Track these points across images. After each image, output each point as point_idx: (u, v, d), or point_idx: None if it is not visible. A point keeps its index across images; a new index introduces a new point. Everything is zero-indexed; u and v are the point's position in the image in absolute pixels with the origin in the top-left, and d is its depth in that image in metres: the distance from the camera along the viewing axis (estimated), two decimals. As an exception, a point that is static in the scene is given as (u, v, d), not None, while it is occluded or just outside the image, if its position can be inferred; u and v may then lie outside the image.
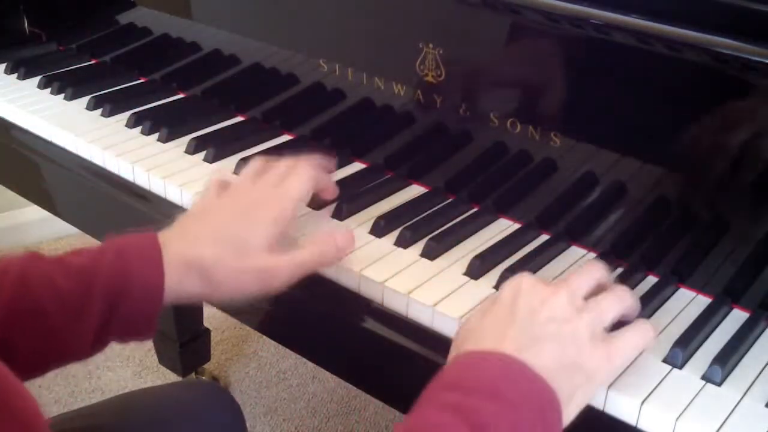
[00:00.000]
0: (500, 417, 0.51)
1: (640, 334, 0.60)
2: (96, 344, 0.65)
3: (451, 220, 0.80)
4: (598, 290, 0.62)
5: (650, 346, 0.62)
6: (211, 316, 1.60)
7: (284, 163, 0.74)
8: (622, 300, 0.61)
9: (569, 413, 0.55)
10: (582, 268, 0.63)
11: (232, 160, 0.91)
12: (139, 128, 0.98)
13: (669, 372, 0.62)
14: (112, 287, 0.63)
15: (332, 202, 0.81)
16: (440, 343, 0.65)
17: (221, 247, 0.67)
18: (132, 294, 0.64)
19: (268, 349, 1.73)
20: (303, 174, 0.73)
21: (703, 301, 0.71)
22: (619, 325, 0.61)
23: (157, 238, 0.67)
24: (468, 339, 0.58)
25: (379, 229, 0.78)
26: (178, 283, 0.66)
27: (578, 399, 0.56)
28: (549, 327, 0.56)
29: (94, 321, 0.63)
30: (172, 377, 1.58)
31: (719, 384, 0.61)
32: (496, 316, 0.58)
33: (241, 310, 0.89)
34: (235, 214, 0.69)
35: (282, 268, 0.68)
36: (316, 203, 0.81)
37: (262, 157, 0.76)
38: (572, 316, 0.57)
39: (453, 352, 0.58)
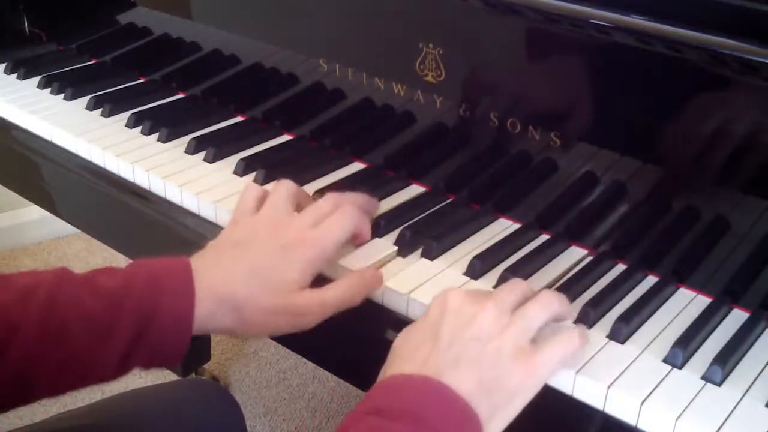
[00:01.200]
0: None
1: (564, 343, 0.59)
2: (119, 369, 0.64)
3: (451, 220, 0.80)
4: (525, 300, 0.61)
5: (578, 351, 0.60)
6: (211, 316, 1.60)
7: (328, 202, 0.71)
8: (547, 307, 0.60)
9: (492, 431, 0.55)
10: (508, 283, 0.63)
11: (232, 160, 0.91)
12: (139, 128, 0.98)
13: (669, 372, 0.62)
14: (141, 314, 0.62)
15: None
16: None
17: (255, 285, 0.65)
18: (161, 323, 0.62)
19: (268, 349, 1.73)
20: (347, 218, 0.70)
21: (703, 301, 0.71)
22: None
23: (190, 265, 0.65)
24: (394, 360, 0.58)
25: (379, 229, 0.78)
26: (207, 316, 0.64)
27: (500, 418, 0.56)
28: (472, 348, 0.56)
29: (120, 346, 0.62)
30: (172, 377, 1.58)
31: (719, 384, 0.61)
32: (421, 337, 0.58)
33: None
34: (273, 251, 0.66)
35: (314, 309, 0.66)
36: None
37: (293, 184, 0.73)
38: (496, 334, 0.57)
39: (382, 372, 0.58)
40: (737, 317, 0.69)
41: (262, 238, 0.68)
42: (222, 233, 0.71)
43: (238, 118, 1.02)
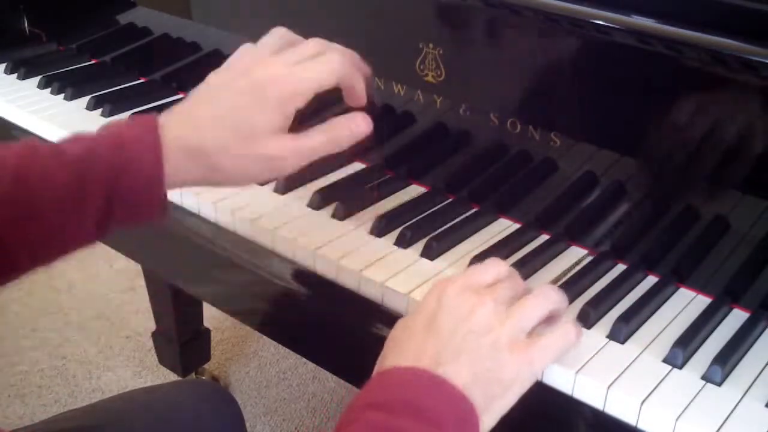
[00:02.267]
0: None
1: (560, 337, 0.59)
2: (100, 230, 0.63)
3: (451, 220, 0.80)
4: (522, 292, 0.61)
5: (573, 345, 0.60)
6: (211, 316, 1.61)
7: (314, 44, 0.64)
8: (545, 301, 0.60)
9: (487, 423, 0.55)
10: (506, 277, 0.61)
11: (232, 160, 0.90)
12: (139, 128, 0.97)
13: (669, 372, 0.62)
14: (108, 176, 0.60)
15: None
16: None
17: (224, 133, 0.61)
18: (131, 181, 0.61)
19: (268, 349, 1.73)
20: (332, 63, 0.63)
21: (703, 301, 0.71)
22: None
23: (157, 122, 0.62)
24: (390, 353, 0.58)
25: (379, 229, 0.78)
26: (178, 170, 0.62)
27: (496, 409, 0.56)
28: (468, 341, 0.56)
29: (92, 210, 0.61)
30: (172, 377, 1.58)
31: (719, 384, 0.61)
32: (417, 329, 0.57)
33: (241, 310, 0.89)
34: (242, 94, 0.61)
35: (290, 155, 0.62)
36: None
37: (286, 30, 0.67)
38: (493, 328, 0.56)
39: (378, 364, 0.58)
40: (737, 317, 0.68)
41: (230, 81, 0.63)
42: (198, 89, 0.66)
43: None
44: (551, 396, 0.62)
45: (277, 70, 0.62)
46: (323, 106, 0.66)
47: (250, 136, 0.61)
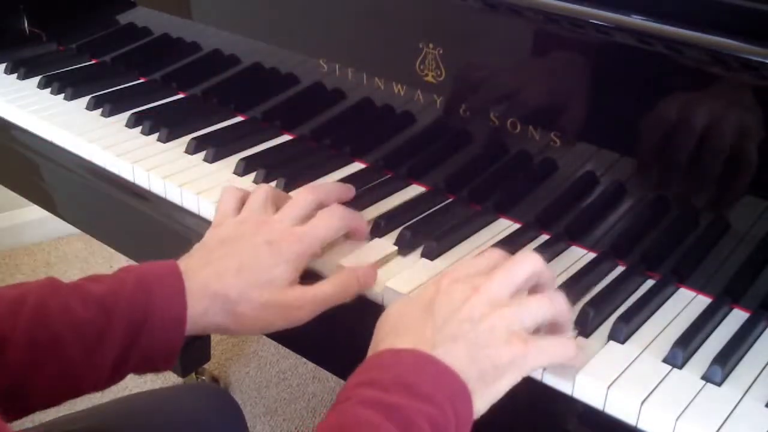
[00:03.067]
0: (420, 412, 0.52)
1: (560, 345, 0.59)
2: (113, 376, 0.63)
3: (451, 220, 0.80)
4: (537, 287, 0.61)
5: (568, 361, 0.60)
6: (211, 316, 1.60)
7: (307, 198, 0.72)
8: (551, 304, 0.60)
9: (478, 407, 0.56)
10: (515, 257, 0.62)
11: (232, 160, 0.91)
12: (139, 128, 0.98)
13: (669, 372, 0.62)
14: (132, 318, 0.61)
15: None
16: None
17: (245, 281, 0.65)
18: (153, 326, 0.62)
19: (268, 349, 1.73)
20: (334, 218, 0.71)
21: (703, 301, 0.71)
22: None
23: (179, 267, 0.65)
24: (386, 335, 0.59)
25: (379, 229, 0.78)
26: (200, 315, 0.64)
27: (488, 394, 0.57)
28: (464, 327, 0.57)
29: (113, 352, 0.61)
30: (172, 377, 1.58)
31: (719, 384, 0.61)
32: (414, 314, 0.59)
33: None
34: (259, 247, 0.67)
35: (306, 304, 0.67)
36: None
37: (270, 187, 0.75)
38: (489, 314, 0.57)
39: (372, 346, 0.59)
40: (737, 317, 0.68)
41: (248, 235, 0.68)
42: (207, 235, 0.71)
43: (238, 118, 1.02)
44: (551, 396, 0.62)
45: (287, 230, 0.69)
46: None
47: (269, 286, 0.66)
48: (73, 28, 1.20)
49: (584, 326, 0.66)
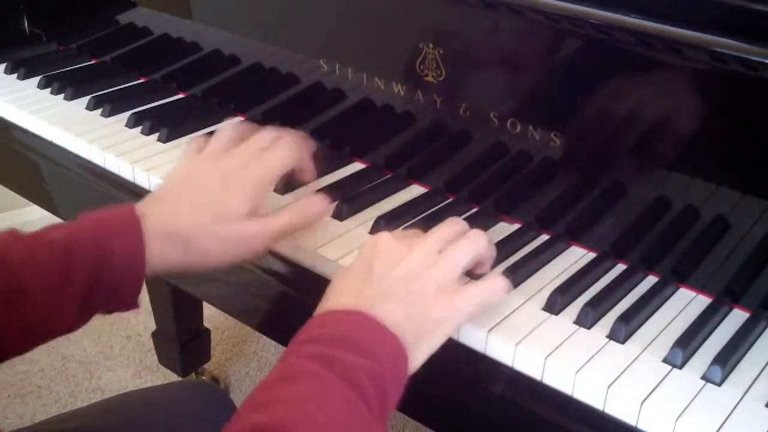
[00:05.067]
0: (360, 366, 0.55)
1: (488, 288, 0.64)
2: (80, 317, 0.65)
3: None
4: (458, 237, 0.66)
5: (500, 297, 0.65)
6: (211, 316, 1.61)
7: (267, 135, 0.73)
8: (473, 245, 0.65)
9: (416, 359, 0.60)
10: (442, 223, 0.67)
11: (232, 160, 0.90)
12: (139, 128, 0.98)
13: (669, 372, 0.62)
14: (92, 260, 0.63)
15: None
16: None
17: (201, 215, 0.67)
18: (113, 266, 0.64)
19: (268, 349, 1.73)
20: (288, 147, 0.73)
21: (703, 301, 0.71)
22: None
23: (135, 209, 0.67)
24: (330, 296, 0.62)
25: (379, 229, 0.78)
26: (159, 254, 0.66)
27: (425, 346, 0.61)
28: (399, 285, 0.61)
29: (76, 295, 0.63)
30: (172, 377, 1.58)
31: (719, 384, 0.61)
32: (354, 275, 0.62)
33: (241, 310, 0.89)
34: (215, 180, 0.69)
35: (262, 234, 0.69)
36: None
37: (241, 125, 0.76)
38: (422, 273, 0.62)
39: (319, 306, 0.62)
40: (737, 317, 0.69)
41: (202, 171, 0.70)
42: (167, 176, 0.73)
43: (238, 118, 1.02)
44: (551, 395, 0.63)
45: (244, 161, 0.70)
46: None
47: (224, 220, 0.68)
48: (73, 28, 1.20)
49: (584, 326, 0.66)
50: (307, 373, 0.54)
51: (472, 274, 0.70)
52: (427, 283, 0.61)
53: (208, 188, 0.68)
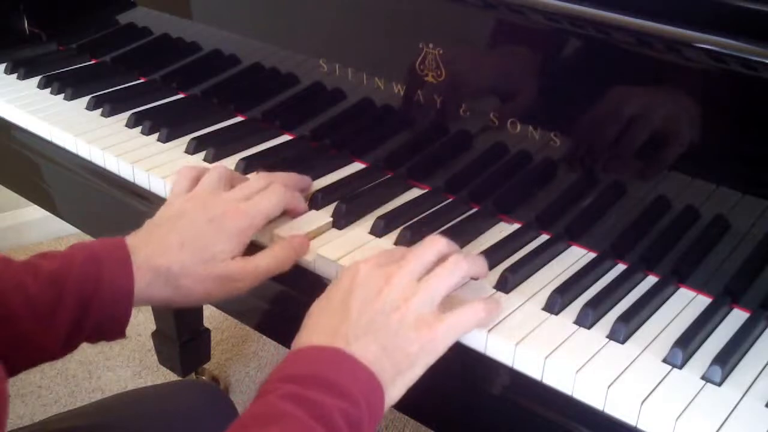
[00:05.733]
0: (336, 408, 0.55)
1: (467, 314, 0.63)
2: (66, 346, 0.66)
3: (451, 220, 0.80)
4: (440, 262, 0.65)
5: (482, 324, 0.64)
6: (211, 316, 1.60)
7: (255, 183, 0.76)
8: (454, 272, 0.64)
9: (393, 394, 0.60)
10: (422, 243, 0.66)
11: (232, 161, 0.91)
12: (139, 128, 0.98)
13: (669, 372, 0.62)
14: (83, 291, 0.64)
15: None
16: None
17: (187, 255, 0.69)
18: (103, 297, 0.65)
19: (268, 349, 1.73)
20: (275, 195, 0.75)
21: (703, 301, 0.71)
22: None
23: (126, 243, 0.68)
24: (306, 331, 0.62)
25: (379, 229, 0.78)
26: (146, 288, 0.67)
27: (402, 381, 0.60)
28: (377, 320, 0.60)
29: (65, 325, 0.64)
30: (172, 377, 1.58)
31: (719, 384, 0.61)
32: (331, 309, 0.62)
33: (241, 310, 0.89)
34: (203, 223, 0.71)
35: (245, 276, 0.70)
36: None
37: (230, 170, 0.79)
38: (401, 304, 0.61)
39: (295, 341, 0.62)
40: (737, 317, 0.69)
41: (193, 212, 0.72)
42: (157, 212, 0.74)
43: (238, 118, 1.02)
44: (550, 395, 0.63)
45: (232, 206, 0.72)
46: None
47: (210, 261, 0.69)
48: (73, 28, 1.20)
49: (584, 326, 0.66)
50: (284, 415, 0.54)
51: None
52: (405, 315, 0.60)
53: (195, 229, 0.70)
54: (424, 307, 0.61)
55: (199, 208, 0.72)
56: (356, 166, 0.91)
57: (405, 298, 0.61)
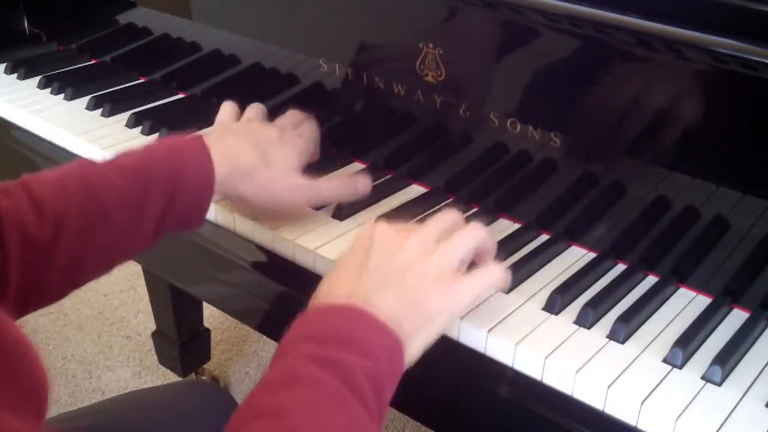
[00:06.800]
0: (357, 366, 0.54)
1: (485, 275, 0.63)
2: (155, 236, 0.69)
3: (452, 220, 0.80)
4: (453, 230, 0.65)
5: (500, 286, 0.65)
6: (211, 316, 1.60)
7: (294, 114, 0.85)
8: (472, 237, 0.64)
9: (412, 351, 0.59)
10: (438, 214, 0.67)
11: (232, 160, 0.90)
12: (139, 128, 0.98)
13: (669, 372, 0.62)
14: (168, 183, 0.68)
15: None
16: (438, 340, 0.66)
17: (259, 154, 0.74)
18: (187, 187, 0.69)
19: (268, 349, 1.73)
20: (312, 125, 0.84)
21: (703, 301, 0.71)
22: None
23: (203, 137, 0.73)
24: (325, 289, 0.62)
25: (379, 229, 0.78)
26: (224, 179, 0.72)
27: (420, 338, 0.60)
28: (395, 274, 0.60)
29: (154, 216, 0.68)
30: (172, 377, 1.58)
31: (719, 384, 0.61)
32: (351, 267, 0.62)
33: (241, 310, 0.89)
34: (274, 133, 0.78)
35: (301, 191, 0.76)
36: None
37: (258, 105, 0.87)
38: (419, 261, 0.61)
39: (312, 300, 0.61)
40: (737, 317, 0.69)
41: (261, 125, 0.80)
42: (215, 127, 0.83)
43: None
44: (550, 395, 0.63)
45: (286, 130, 0.80)
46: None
47: (277, 165, 0.75)
48: (73, 28, 1.20)
49: (584, 326, 0.66)
50: (306, 377, 0.54)
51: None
52: (424, 272, 0.61)
53: (268, 136, 0.77)
54: (442, 266, 0.61)
55: (263, 126, 0.80)
56: (356, 166, 0.91)
57: (423, 256, 0.61)
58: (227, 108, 0.86)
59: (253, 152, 0.74)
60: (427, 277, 0.60)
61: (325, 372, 0.54)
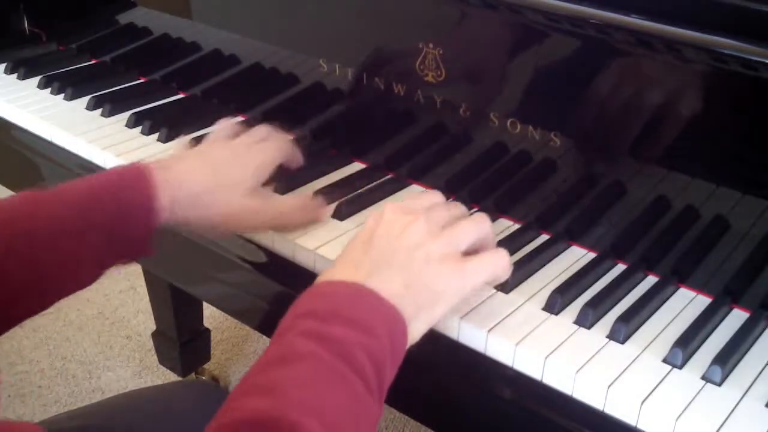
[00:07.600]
0: (359, 344, 0.54)
1: (493, 259, 0.63)
2: (99, 268, 0.69)
3: (452, 220, 0.80)
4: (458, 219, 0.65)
5: (503, 273, 0.64)
6: (211, 316, 1.60)
7: (262, 129, 0.81)
8: (478, 226, 0.64)
9: (415, 331, 0.59)
10: (447, 203, 0.67)
11: (232, 160, 0.91)
12: (139, 128, 0.98)
13: (669, 372, 0.62)
14: (111, 212, 0.67)
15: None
16: (438, 340, 0.66)
17: (209, 179, 0.72)
18: (127, 218, 0.68)
19: (268, 349, 1.73)
20: (280, 140, 0.80)
21: (703, 301, 0.71)
22: None
23: (144, 165, 0.71)
24: (330, 268, 0.62)
25: (379, 229, 0.78)
26: (169, 206, 0.70)
27: (425, 318, 0.60)
28: (401, 253, 0.60)
29: (94, 246, 0.67)
30: (172, 377, 1.58)
31: (719, 384, 0.61)
32: (356, 246, 0.62)
33: (241, 310, 0.89)
34: (225, 154, 0.76)
35: (264, 210, 0.75)
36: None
37: (234, 124, 0.83)
38: (426, 242, 0.61)
39: (318, 278, 0.61)
40: (737, 317, 0.69)
41: (214, 146, 0.78)
42: (170, 154, 0.80)
43: (239, 118, 1.02)
44: (550, 395, 0.63)
45: (248, 144, 0.78)
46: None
47: (230, 187, 0.73)
48: (73, 27, 1.20)
49: (584, 326, 0.66)
50: (304, 354, 0.53)
51: None
52: (430, 252, 0.60)
53: (218, 158, 0.75)
54: (448, 248, 0.61)
55: (220, 143, 0.78)
56: (356, 166, 0.91)
57: (430, 237, 0.61)
58: (219, 128, 0.83)
59: (206, 175, 0.73)
60: (432, 257, 0.60)
61: (323, 348, 0.53)
